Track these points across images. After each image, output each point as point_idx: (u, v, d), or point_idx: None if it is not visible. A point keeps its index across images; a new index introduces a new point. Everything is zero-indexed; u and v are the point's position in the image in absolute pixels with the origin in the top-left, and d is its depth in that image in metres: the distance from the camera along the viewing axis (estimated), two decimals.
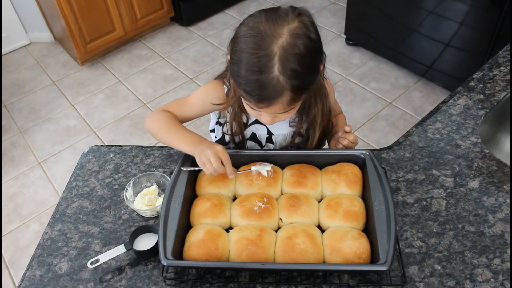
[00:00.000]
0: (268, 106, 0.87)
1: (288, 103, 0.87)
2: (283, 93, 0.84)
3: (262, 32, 0.82)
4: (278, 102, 0.86)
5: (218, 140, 1.21)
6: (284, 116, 0.96)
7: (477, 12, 2.17)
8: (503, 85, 1.29)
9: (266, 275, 0.89)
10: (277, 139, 1.16)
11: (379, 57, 2.93)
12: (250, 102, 0.89)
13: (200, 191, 1.02)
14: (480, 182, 1.04)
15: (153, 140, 2.54)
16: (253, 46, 0.82)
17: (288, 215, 0.94)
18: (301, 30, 0.83)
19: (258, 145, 1.18)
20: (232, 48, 0.88)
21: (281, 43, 0.81)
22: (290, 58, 0.81)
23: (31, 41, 3.41)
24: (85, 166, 1.18)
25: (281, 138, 1.16)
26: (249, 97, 0.87)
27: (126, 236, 0.99)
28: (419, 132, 1.18)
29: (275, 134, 1.15)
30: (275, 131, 1.15)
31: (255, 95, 0.85)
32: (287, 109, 0.90)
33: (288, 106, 0.88)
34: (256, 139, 1.16)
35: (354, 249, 0.85)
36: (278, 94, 0.84)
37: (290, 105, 0.88)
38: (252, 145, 1.18)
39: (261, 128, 1.14)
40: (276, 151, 1.08)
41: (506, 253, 0.89)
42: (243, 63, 0.83)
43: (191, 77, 2.97)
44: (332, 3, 3.54)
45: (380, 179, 0.95)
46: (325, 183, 1.01)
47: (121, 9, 3.02)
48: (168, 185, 0.96)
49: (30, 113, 2.80)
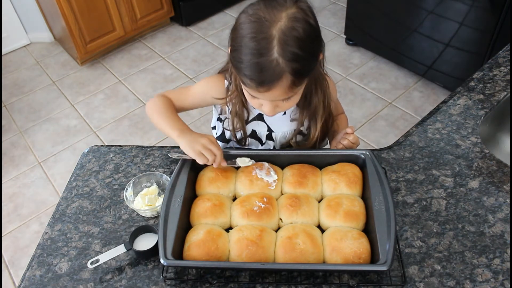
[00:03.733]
0: (268, 90, 0.87)
1: (288, 87, 0.88)
2: (283, 75, 0.85)
3: (261, 17, 0.84)
4: (278, 86, 0.87)
5: (219, 137, 1.22)
6: (285, 106, 0.96)
7: (477, 12, 2.17)
8: (503, 85, 1.29)
9: (266, 275, 0.89)
10: (277, 136, 1.16)
11: (379, 57, 2.93)
12: (251, 88, 0.89)
13: (200, 191, 1.02)
14: (480, 182, 1.04)
15: (153, 140, 2.54)
16: (252, 31, 0.84)
17: (288, 215, 0.94)
18: (300, 15, 0.85)
19: (259, 142, 1.18)
20: (232, 36, 0.90)
21: (279, 26, 0.83)
22: (289, 41, 0.83)
23: (31, 41, 3.41)
24: (85, 166, 1.18)
25: (281, 136, 1.16)
26: (250, 82, 0.87)
27: (126, 236, 0.99)
28: (419, 132, 1.18)
29: (275, 132, 1.15)
30: (276, 128, 1.15)
31: (255, 78, 0.86)
32: (288, 95, 0.91)
33: (288, 92, 0.89)
34: (256, 136, 1.16)
35: (354, 249, 0.85)
36: (278, 77, 0.85)
37: (290, 91, 0.89)
38: (252, 142, 1.18)
39: (262, 125, 1.14)
40: (276, 151, 1.08)
41: (506, 253, 0.89)
42: (243, 48, 0.85)
43: (191, 77, 2.97)
44: (332, 3, 3.54)
45: (380, 179, 0.95)
46: (325, 183, 1.01)
47: (121, 9, 3.02)
48: (168, 185, 0.96)
49: (30, 113, 2.80)
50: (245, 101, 1.09)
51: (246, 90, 0.95)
